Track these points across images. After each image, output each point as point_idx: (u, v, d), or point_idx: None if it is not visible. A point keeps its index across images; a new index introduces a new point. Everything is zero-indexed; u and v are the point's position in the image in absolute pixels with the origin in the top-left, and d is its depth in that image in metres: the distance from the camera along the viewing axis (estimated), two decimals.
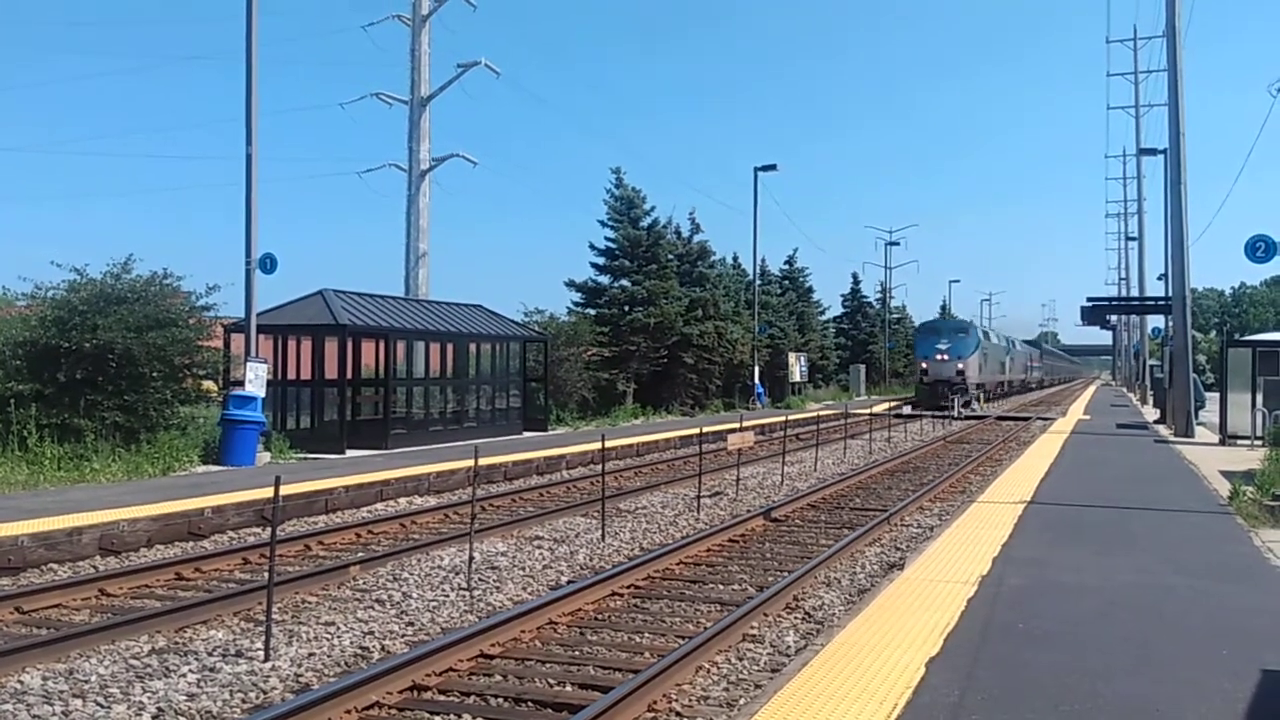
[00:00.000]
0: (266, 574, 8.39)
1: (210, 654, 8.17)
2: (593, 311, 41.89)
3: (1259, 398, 25.54)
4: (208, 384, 22.63)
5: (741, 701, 7.05)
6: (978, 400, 54.13)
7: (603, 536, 13.71)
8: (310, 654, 8.25)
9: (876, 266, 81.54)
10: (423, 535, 13.63)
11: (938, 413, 44.73)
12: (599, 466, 16.62)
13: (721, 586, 10.99)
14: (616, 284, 43.19)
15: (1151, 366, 55.73)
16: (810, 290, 69.96)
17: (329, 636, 8.76)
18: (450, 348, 28.03)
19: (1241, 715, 5.87)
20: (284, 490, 10.42)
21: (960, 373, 50.68)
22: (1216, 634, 7.69)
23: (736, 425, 21.64)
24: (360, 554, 12.10)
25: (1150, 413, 43.30)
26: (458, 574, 11.17)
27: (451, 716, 6.88)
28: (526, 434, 29.16)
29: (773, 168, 44.57)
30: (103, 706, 6.93)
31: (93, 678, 7.50)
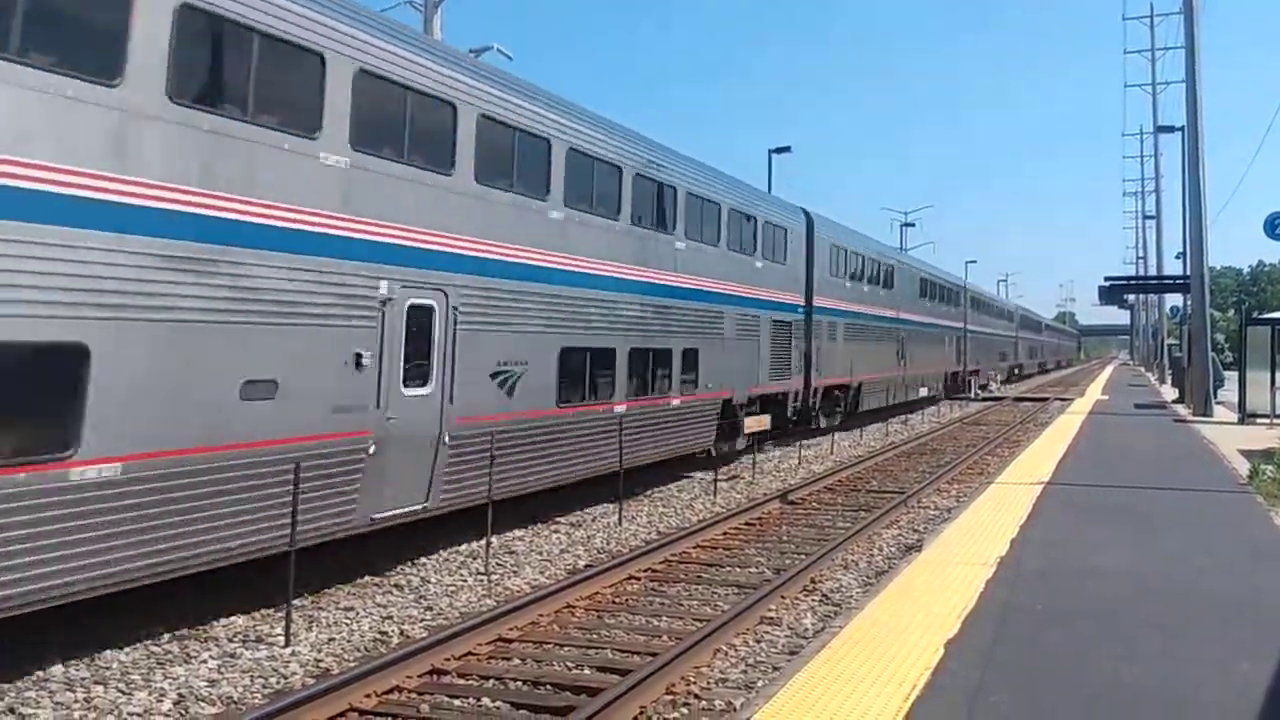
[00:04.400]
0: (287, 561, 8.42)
1: (231, 640, 8.23)
2: None
3: (1278, 376, 25.35)
4: None
5: (760, 683, 7.06)
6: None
7: (619, 520, 13.72)
8: (330, 639, 8.30)
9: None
10: None
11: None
12: None
13: (739, 570, 10.99)
14: None
15: (1169, 346, 55.30)
16: None
17: (348, 621, 8.81)
18: None
19: (1262, 696, 5.84)
20: None
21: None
22: (1237, 614, 7.65)
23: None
24: None
25: (1168, 392, 43.01)
26: (475, 558, 11.20)
27: (471, 700, 6.92)
28: None
29: (787, 149, 44.18)
30: (124, 693, 6.98)
31: (114, 664, 7.56)
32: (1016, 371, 68.46)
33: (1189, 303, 34.54)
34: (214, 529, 8.06)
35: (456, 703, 6.89)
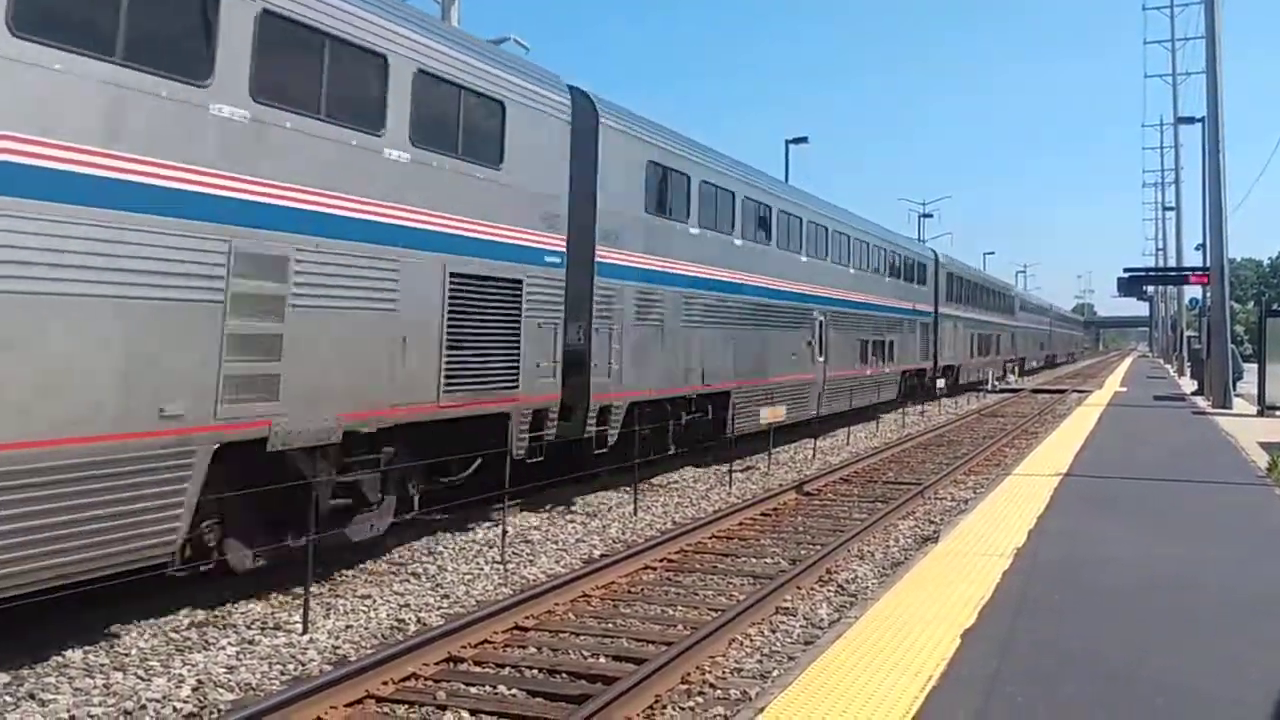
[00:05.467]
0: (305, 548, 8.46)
1: (249, 627, 8.27)
2: None
3: None
4: None
5: (775, 673, 7.05)
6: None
7: (635, 510, 13.74)
8: (347, 626, 8.34)
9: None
10: None
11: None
12: None
13: (754, 560, 10.99)
14: None
15: (1189, 338, 54.96)
16: None
17: (365, 609, 8.85)
18: None
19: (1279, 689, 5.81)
20: None
21: None
22: (1254, 607, 7.61)
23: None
24: None
25: (1187, 384, 42.80)
26: (491, 547, 11.24)
27: (487, 687, 6.94)
28: None
29: (804, 140, 44.00)
30: (143, 679, 7.03)
31: (133, 651, 7.61)
32: (942, 379, 36.65)
33: (1208, 294, 34.28)
34: None
35: (473, 690, 6.91)
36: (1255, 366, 28.71)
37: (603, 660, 7.54)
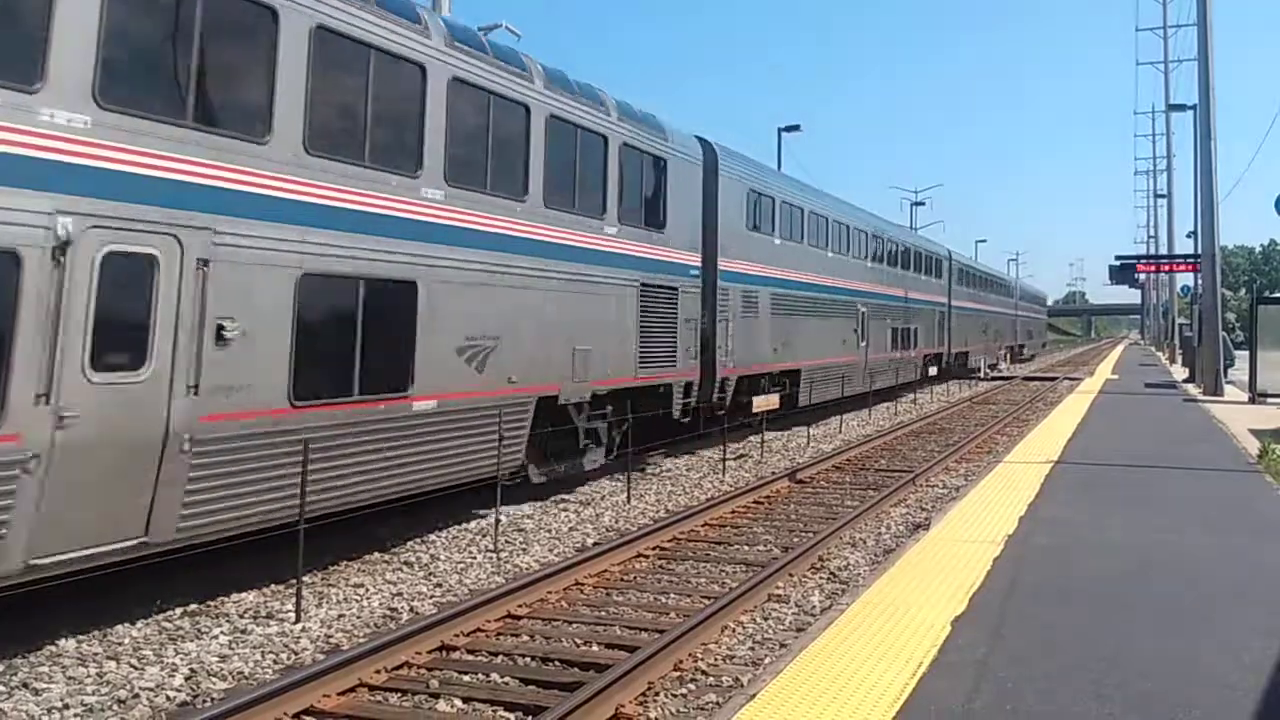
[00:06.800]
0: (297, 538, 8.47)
1: (241, 616, 8.28)
2: None
3: None
4: None
5: (767, 660, 7.08)
6: None
7: (628, 499, 13.75)
8: (340, 615, 8.35)
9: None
10: None
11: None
12: None
13: (747, 548, 11.02)
14: None
15: (1180, 325, 55.07)
16: None
17: (358, 598, 8.86)
18: None
19: (1270, 673, 5.84)
20: None
21: None
22: (1245, 592, 7.65)
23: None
24: None
25: (1179, 371, 42.89)
26: (484, 536, 11.25)
27: (480, 676, 6.96)
28: None
29: (796, 128, 43.89)
30: (136, 668, 7.04)
31: (126, 640, 7.62)
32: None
33: (1200, 281, 34.34)
34: None
35: (465, 678, 6.93)
36: (1247, 354, 28.77)
37: (595, 648, 7.56)
